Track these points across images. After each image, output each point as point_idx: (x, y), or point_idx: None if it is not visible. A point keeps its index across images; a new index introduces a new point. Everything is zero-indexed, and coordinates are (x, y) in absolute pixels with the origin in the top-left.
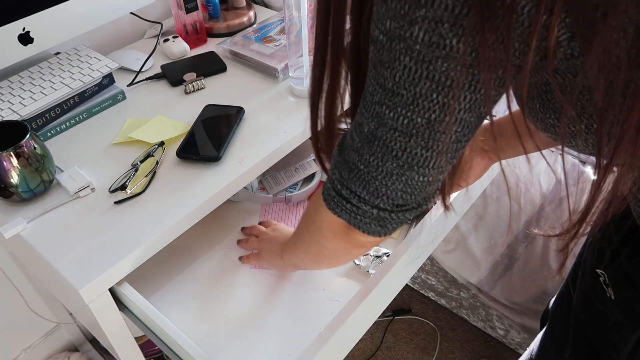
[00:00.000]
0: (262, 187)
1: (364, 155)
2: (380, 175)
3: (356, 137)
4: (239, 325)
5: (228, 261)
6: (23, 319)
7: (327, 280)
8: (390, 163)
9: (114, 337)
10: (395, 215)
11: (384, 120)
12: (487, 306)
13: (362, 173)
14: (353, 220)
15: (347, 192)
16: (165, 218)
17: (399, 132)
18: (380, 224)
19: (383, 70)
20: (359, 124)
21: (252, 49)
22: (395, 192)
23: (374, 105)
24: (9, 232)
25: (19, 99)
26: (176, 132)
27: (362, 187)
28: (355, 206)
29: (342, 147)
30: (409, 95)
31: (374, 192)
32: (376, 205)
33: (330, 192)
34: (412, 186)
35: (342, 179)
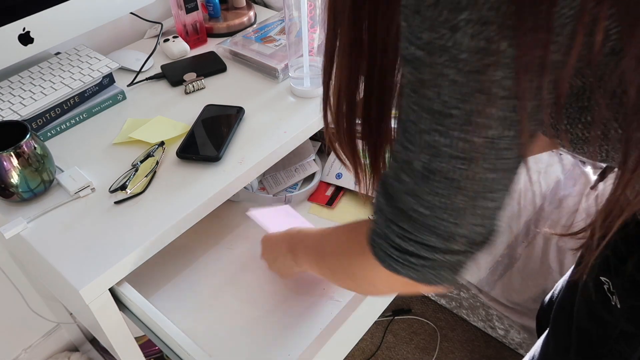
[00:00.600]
0: (262, 187)
1: (423, 197)
2: (448, 214)
3: (406, 178)
4: (239, 325)
5: (228, 261)
6: (23, 319)
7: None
8: (457, 197)
9: (114, 337)
10: (472, 254)
11: (437, 149)
12: (487, 306)
13: (428, 218)
14: (422, 277)
15: (415, 246)
16: (165, 218)
17: (459, 159)
18: (453, 270)
19: (426, 91)
20: (406, 162)
21: (252, 49)
22: (470, 228)
23: (422, 135)
24: (9, 232)
25: (19, 99)
26: (176, 132)
27: (431, 234)
28: (426, 259)
29: (390, 196)
30: (461, 114)
31: (447, 236)
32: (452, 250)
33: (388, 251)
34: (485, 216)
35: (403, 233)
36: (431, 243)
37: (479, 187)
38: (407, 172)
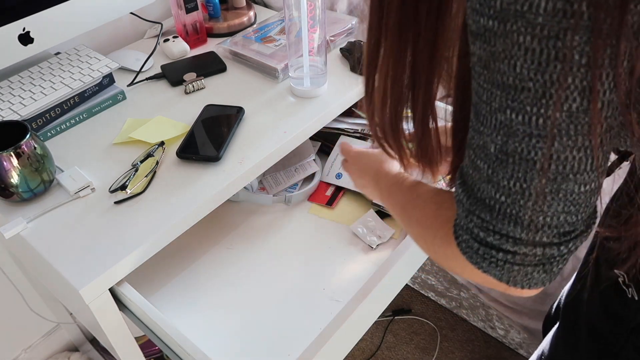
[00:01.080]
0: (262, 187)
1: (500, 183)
2: (530, 200)
3: (481, 164)
4: (239, 325)
5: (228, 261)
6: (23, 319)
7: (327, 280)
8: (537, 181)
9: (114, 337)
10: (565, 247)
11: (512, 128)
12: (487, 306)
13: (507, 206)
14: (507, 275)
15: (496, 238)
16: (165, 218)
17: (537, 137)
18: (545, 268)
19: (499, 65)
20: (480, 147)
21: (252, 49)
22: (557, 216)
23: (495, 114)
24: (9, 232)
25: (19, 99)
26: (176, 132)
27: (513, 224)
28: (510, 253)
29: (467, 185)
30: (537, 86)
31: (531, 225)
32: (538, 242)
33: (470, 244)
34: (573, 201)
35: (483, 224)
36: (514, 234)
37: (561, 168)
38: (482, 158)
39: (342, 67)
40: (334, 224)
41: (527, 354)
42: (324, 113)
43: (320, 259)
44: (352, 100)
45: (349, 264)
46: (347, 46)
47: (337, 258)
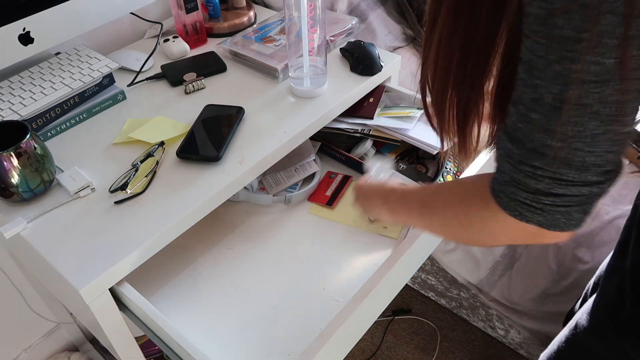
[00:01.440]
0: (262, 187)
1: (556, 129)
2: (582, 142)
3: (535, 115)
4: (239, 325)
5: (228, 261)
6: (23, 319)
7: (327, 280)
8: (591, 123)
9: (114, 337)
10: (606, 185)
11: (569, 77)
12: (487, 306)
13: (561, 150)
14: (550, 219)
15: (547, 183)
16: (165, 218)
17: (591, 83)
18: (584, 208)
19: (556, 20)
20: (535, 99)
21: (252, 49)
22: (603, 155)
23: (551, 66)
24: (9, 232)
25: (19, 99)
26: (176, 132)
27: (566, 166)
28: (559, 196)
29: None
30: (592, 37)
31: (582, 166)
32: (587, 180)
33: (516, 196)
34: (616, 141)
35: (535, 171)
36: (566, 176)
37: (612, 110)
38: (537, 109)
39: (342, 67)
40: (334, 224)
41: (527, 354)
42: (324, 113)
43: (320, 259)
44: (352, 100)
45: (349, 264)
46: (347, 46)
47: (337, 258)
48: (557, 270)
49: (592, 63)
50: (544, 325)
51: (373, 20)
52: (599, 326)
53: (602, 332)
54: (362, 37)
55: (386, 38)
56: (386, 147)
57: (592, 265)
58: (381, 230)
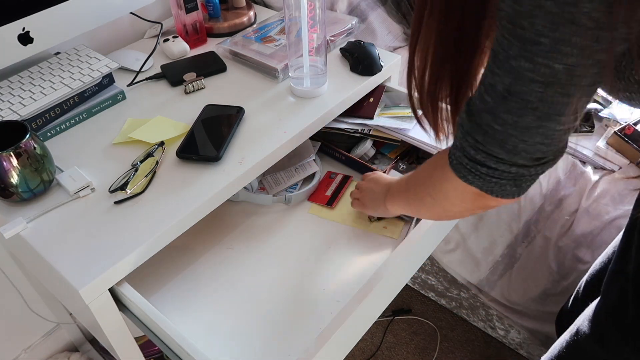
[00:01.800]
0: (262, 187)
1: (499, 114)
2: (517, 131)
3: (488, 98)
4: (239, 325)
5: (228, 261)
6: (23, 319)
7: (327, 280)
8: (527, 117)
9: (114, 337)
10: (534, 169)
11: (520, 73)
12: (487, 306)
13: (498, 132)
14: (487, 186)
15: (483, 156)
16: (165, 218)
17: (537, 82)
18: (516, 183)
19: (521, 21)
20: (491, 85)
21: (252, 49)
22: (534, 145)
23: (510, 61)
24: (9, 232)
25: (19, 99)
26: (176, 132)
27: (499, 147)
28: (491, 169)
29: (471, 113)
30: (548, 42)
31: (512, 150)
32: (515, 162)
33: (461, 160)
34: (550, 137)
35: (476, 144)
36: (498, 155)
37: (549, 110)
38: (490, 93)
39: (342, 67)
40: (334, 224)
41: (527, 354)
42: (324, 113)
43: (320, 259)
44: (352, 100)
45: (349, 264)
46: (347, 46)
47: (337, 258)
48: (557, 270)
49: (542, 65)
50: (544, 325)
51: (373, 20)
52: (601, 332)
53: (605, 339)
54: (362, 37)
55: (386, 38)
56: (386, 147)
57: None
58: (381, 230)
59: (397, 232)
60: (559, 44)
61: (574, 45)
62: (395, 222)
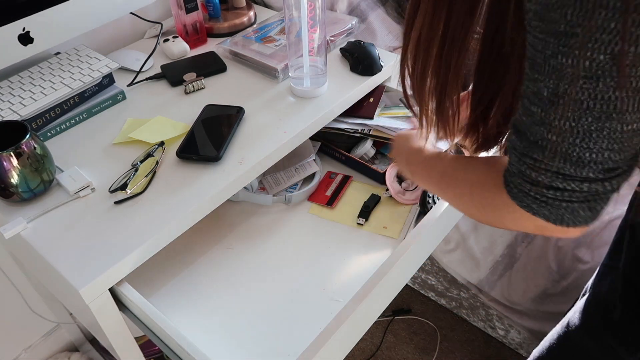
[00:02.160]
0: (262, 187)
1: (552, 123)
2: (577, 137)
3: (535, 109)
4: (239, 325)
5: (228, 261)
6: (23, 319)
7: (327, 280)
8: (584, 119)
9: (114, 337)
10: (609, 184)
11: (563, 71)
12: (487, 306)
13: (557, 144)
14: (556, 214)
15: (548, 176)
16: (165, 218)
17: (583, 78)
18: (589, 205)
19: (551, 15)
20: (535, 93)
21: (252, 49)
22: (602, 152)
23: (548, 60)
24: (9, 232)
25: (19, 99)
26: (176, 132)
27: (563, 161)
28: (560, 190)
29: (520, 133)
30: (584, 32)
31: (579, 162)
32: (585, 177)
33: (523, 187)
34: (616, 140)
35: (535, 163)
36: (564, 171)
37: (605, 107)
38: (536, 103)
39: (342, 67)
40: (334, 224)
41: (527, 354)
42: (324, 113)
43: (320, 259)
44: (352, 100)
45: (349, 264)
46: (347, 46)
47: (337, 258)
48: (557, 270)
49: (584, 58)
50: (544, 325)
51: (373, 20)
52: (590, 324)
53: (593, 330)
54: (362, 37)
55: (386, 38)
56: (386, 147)
57: (592, 265)
58: (381, 230)
59: (397, 232)
60: (598, 33)
61: (612, 32)
62: (395, 221)
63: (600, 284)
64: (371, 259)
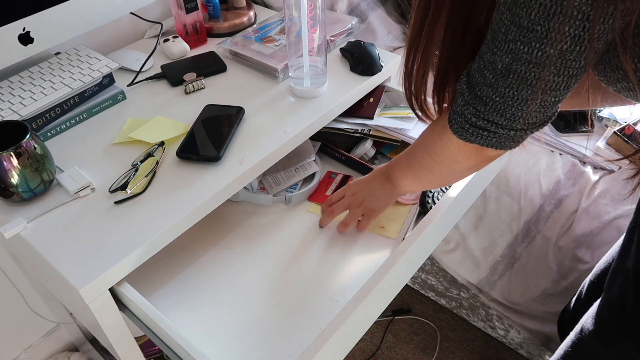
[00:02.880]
0: (262, 187)
1: (499, 89)
2: (516, 102)
3: (488, 74)
4: (239, 325)
5: (228, 261)
6: (23, 319)
7: (327, 280)
8: (525, 91)
9: (114, 337)
10: (530, 131)
11: (518, 55)
12: (487, 306)
13: (498, 104)
14: (488, 142)
15: (484, 122)
16: (165, 218)
17: (534, 63)
18: (514, 140)
19: (518, 10)
20: (491, 62)
21: (252, 49)
22: (530, 113)
23: (508, 43)
24: (9, 232)
25: (19, 99)
26: (176, 132)
27: (499, 116)
28: (492, 132)
29: (472, 85)
30: (542, 30)
31: (511, 117)
32: (513, 127)
33: (463, 125)
34: (545, 106)
35: (477, 112)
36: (498, 121)
37: (544, 86)
38: (490, 70)
39: (342, 67)
40: (334, 224)
41: (527, 354)
42: (324, 113)
43: (320, 259)
44: (352, 100)
45: (349, 264)
46: (347, 46)
47: (337, 258)
48: (557, 270)
49: (538, 50)
50: (544, 325)
51: (373, 20)
52: (603, 329)
53: (607, 336)
54: (362, 37)
55: (386, 38)
56: (386, 147)
57: (592, 265)
58: (379, 230)
59: (396, 233)
60: (552, 32)
61: (565, 33)
62: (393, 221)
63: (611, 287)
64: (371, 259)
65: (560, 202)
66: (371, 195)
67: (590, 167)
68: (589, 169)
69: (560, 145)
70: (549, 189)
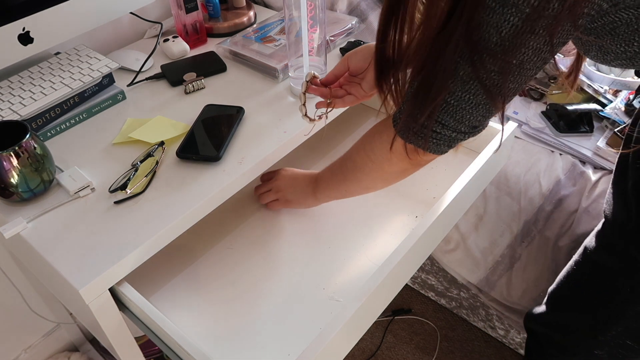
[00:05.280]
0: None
1: (456, 93)
2: (469, 106)
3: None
4: (239, 325)
5: (228, 261)
6: (23, 319)
7: (327, 280)
8: (482, 97)
9: (114, 337)
10: (469, 135)
11: (482, 63)
12: (487, 306)
13: (453, 107)
14: (425, 145)
15: (433, 124)
16: (165, 218)
17: (495, 72)
18: (449, 144)
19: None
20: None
21: (252, 49)
22: (477, 117)
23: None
24: (9, 232)
25: (19, 99)
26: (176, 132)
27: (449, 117)
28: (435, 132)
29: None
30: (509, 44)
31: (460, 119)
32: (457, 129)
33: (409, 124)
34: (491, 111)
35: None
36: (446, 123)
37: (500, 92)
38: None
39: None
40: (334, 224)
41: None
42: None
43: (320, 259)
44: None
45: (349, 264)
46: (347, 46)
47: (337, 258)
48: (557, 270)
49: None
50: None
51: (373, 20)
52: (607, 240)
53: (611, 245)
54: (362, 37)
55: None
56: None
57: None
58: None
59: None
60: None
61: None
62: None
63: (612, 208)
64: (371, 259)
65: (560, 202)
66: (293, 189)
67: (590, 167)
68: (589, 169)
69: (560, 145)
70: (549, 189)
